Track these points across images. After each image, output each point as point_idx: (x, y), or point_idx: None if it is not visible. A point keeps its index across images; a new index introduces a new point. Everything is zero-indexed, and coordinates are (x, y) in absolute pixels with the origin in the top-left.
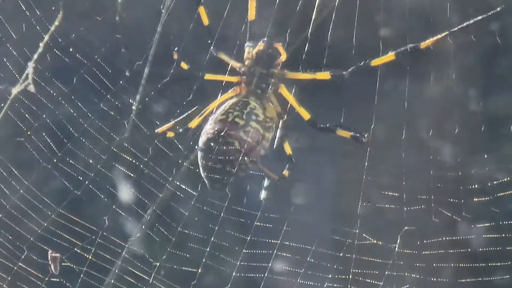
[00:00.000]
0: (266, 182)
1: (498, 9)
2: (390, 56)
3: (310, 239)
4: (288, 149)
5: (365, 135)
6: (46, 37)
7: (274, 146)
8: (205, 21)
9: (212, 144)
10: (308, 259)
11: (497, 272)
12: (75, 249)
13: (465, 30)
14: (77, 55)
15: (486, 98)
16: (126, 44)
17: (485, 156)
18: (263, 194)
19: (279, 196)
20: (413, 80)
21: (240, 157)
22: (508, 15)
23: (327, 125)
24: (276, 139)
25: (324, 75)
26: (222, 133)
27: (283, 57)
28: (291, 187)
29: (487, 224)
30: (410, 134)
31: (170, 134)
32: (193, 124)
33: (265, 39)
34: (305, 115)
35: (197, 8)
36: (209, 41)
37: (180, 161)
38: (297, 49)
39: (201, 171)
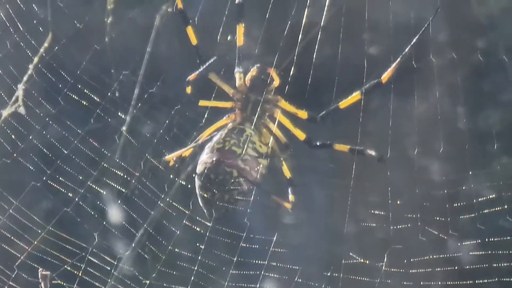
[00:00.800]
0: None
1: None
2: (357, 95)
3: (298, 259)
4: (287, 172)
5: (366, 151)
6: (36, 59)
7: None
8: (193, 40)
9: (209, 174)
10: (296, 279)
11: None
12: (65, 266)
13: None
14: (65, 75)
15: (472, 115)
16: (116, 64)
17: (471, 173)
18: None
19: (266, 216)
20: (398, 98)
21: (240, 185)
22: (493, 32)
23: (322, 142)
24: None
25: (303, 113)
26: (220, 163)
27: (276, 82)
28: (278, 207)
29: (473, 242)
30: (396, 152)
31: (172, 162)
32: (187, 152)
33: (258, 65)
34: (300, 135)
35: (185, 28)
36: (198, 61)
37: (171, 176)
38: (284, 71)
39: (199, 200)
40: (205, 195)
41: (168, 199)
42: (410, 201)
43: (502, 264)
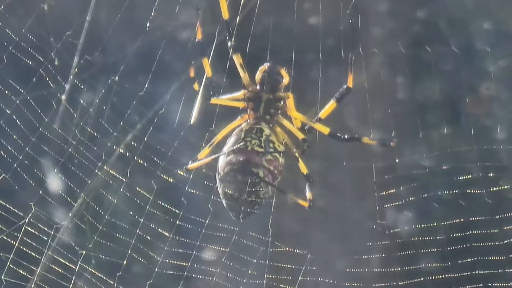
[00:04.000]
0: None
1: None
2: (333, 104)
3: (226, 242)
4: (303, 169)
5: (394, 141)
6: None
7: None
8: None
9: (236, 175)
10: (223, 260)
11: (412, 276)
12: (2, 236)
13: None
14: (4, 43)
15: (410, 85)
16: (55, 33)
17: (397, 161)
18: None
19: (198, 200)
20: (336, 68)
21: (265, 185)
22: (433, 2)
23: (350, 135)
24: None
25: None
26: (247, 163)
27: (286, 80)
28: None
29: (398, 229)
30: (336, 124)
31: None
32: (202, 154)
33: (267, 63)
34: (324, 130)
35: None
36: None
37: (109, 144)
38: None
39: (224, 202)
40: (231, 196)
41: (106, 167)
42: (336, 189)
43: (439, 237)
